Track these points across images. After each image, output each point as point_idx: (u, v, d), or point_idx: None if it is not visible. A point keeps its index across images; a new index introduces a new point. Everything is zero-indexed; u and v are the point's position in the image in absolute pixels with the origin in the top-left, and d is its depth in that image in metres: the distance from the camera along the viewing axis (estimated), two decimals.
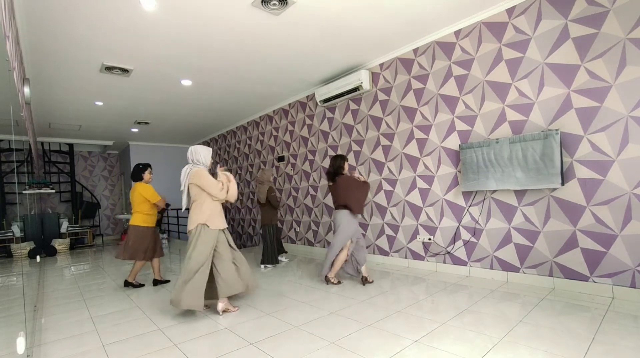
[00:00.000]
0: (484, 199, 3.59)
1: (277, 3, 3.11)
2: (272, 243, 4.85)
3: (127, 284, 3.97)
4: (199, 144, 9.42)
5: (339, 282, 3.64)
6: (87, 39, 3.61)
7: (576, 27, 2.94)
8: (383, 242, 4.64)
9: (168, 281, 4.14)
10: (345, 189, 3.53)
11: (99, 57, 4.04)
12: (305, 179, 5.95)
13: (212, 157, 3.10)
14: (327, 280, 3.65)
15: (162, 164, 9.91)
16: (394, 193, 4.45)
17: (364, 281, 3.59)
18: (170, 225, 8.92)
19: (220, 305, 2.88)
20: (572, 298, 2.84)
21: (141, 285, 3.99)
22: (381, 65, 4.59)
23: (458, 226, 3.81)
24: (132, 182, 4.05)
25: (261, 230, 4.95)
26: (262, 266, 4.83)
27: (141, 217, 3.88)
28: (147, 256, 3.92)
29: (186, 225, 3.04)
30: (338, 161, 3.63)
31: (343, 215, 3.54)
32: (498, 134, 3.46)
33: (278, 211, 5.07)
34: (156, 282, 4.05)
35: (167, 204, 4.10)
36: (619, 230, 2.76)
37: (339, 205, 3.58)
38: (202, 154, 3.01)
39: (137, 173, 3.97)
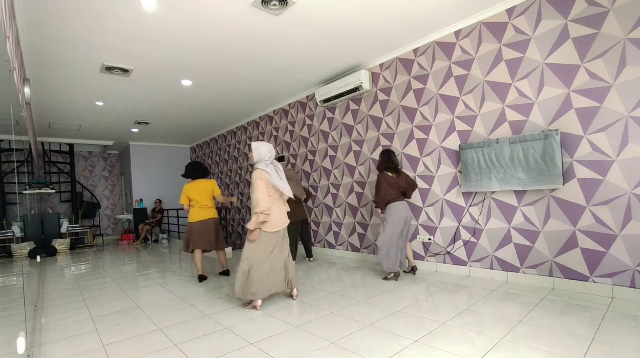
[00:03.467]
0: (484, 199, 3.59)
1: (277, 3, 3.11)
2: (301, 238, 4.98)
3: (223, 273, 4.30)
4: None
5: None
6: (87, 39, 3.61)
7: (576, 27, 2.94)
8: None
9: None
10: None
11: (99, 57, 4.04)
12: (305, 180, 5.95)
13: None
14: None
15: (162, 164, 9.93)
16: None
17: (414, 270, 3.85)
18: (170, 224, 8.91)
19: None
20: (572, 298, 2.84)
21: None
22: (381, 65, 4.59)
23: (458, 226, 3.81)
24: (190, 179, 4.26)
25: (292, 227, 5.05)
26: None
27: (213, 210, 4.21)
28: (218, 246, 4.25)
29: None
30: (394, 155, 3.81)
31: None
32: (498, 134, 3.46)
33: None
34: (222, 273, 4.33)
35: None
36: (618, 229, 2.76)
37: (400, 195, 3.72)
38: (262, 150, 3.05)
39: (206, 170, 4.31)
